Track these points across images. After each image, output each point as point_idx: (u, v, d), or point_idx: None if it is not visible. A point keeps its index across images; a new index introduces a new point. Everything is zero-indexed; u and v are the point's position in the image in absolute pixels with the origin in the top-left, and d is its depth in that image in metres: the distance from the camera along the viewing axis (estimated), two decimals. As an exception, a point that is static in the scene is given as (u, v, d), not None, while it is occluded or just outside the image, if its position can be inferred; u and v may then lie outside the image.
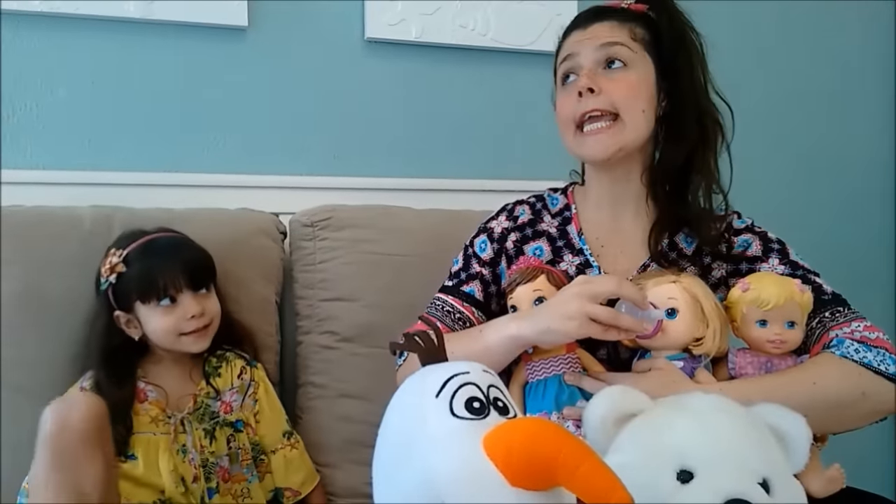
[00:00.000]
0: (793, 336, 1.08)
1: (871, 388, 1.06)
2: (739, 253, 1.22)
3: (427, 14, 1.81)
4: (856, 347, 1.07)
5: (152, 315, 1.24)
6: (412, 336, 0.89)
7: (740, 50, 2.10)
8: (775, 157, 2.17)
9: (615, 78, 1.18)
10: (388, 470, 0.77)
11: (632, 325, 1.04)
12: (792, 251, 1.22)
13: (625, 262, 1.24)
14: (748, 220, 1.27)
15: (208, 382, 1.31)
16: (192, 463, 1.24)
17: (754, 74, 2.13)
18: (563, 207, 1.33)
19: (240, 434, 1.31)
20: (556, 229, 1.30)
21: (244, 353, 1.39)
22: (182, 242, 1.31)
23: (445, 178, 1.84)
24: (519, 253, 1.29)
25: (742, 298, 1.09)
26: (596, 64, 1.19)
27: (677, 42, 1.20)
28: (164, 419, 1.25)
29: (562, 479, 0.65)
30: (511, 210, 1.35)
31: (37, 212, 1.40)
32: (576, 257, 1.26)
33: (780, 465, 0.81)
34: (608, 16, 1.22)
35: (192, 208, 1.52)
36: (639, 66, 1.19)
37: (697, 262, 1.22)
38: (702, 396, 0.86)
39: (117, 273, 1.23)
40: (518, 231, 1.31)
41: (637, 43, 1.19)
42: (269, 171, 1.72)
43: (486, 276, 1.30)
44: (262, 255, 1.52)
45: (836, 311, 1.14)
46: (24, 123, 1.57)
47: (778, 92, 2.17)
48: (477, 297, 1.29)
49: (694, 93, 1.21)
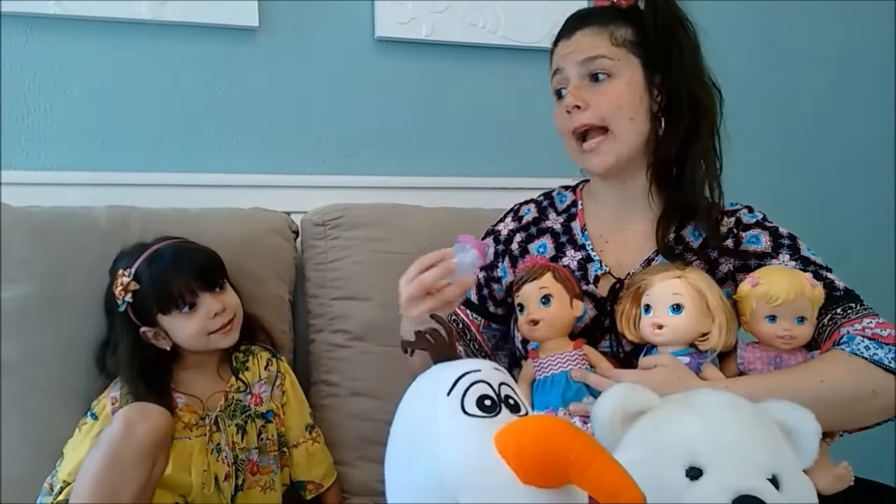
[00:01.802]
0: (802, 331, 1.08)
1: (882, 386, 1.04)
2: (747, 249, 1.20)
3: (437, 12, 1.82)
4: (866, 344, 1.06)
5: (177, 323, 1.26)
6: (423, 334, 0.90)
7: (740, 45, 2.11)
8: (775, 152, 2.17)
9: (601, 91, 1.18)
10: (400, 467, 0.78)
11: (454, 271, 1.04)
12: (804, 246, 1.20)
13: (629, 258, 1.24)
14: (759, 214, 1.25)
15: (238, 378, 1.32)
16: (225, 461, 1.25)
17: (755, 69, 2.13)
18: (570, 204, 1.34)
19: (269, 425, 1.33)
20: (561, 225, 1.31)
21: (266, 346, 1.40)
22: (185, 247, 1.31)
23: (456, 176, 1.85)
24: (524, 252, 1.30)
25: (751, 293, 1.08)
26: (581, 78, 1.19)
27: (664, 32, 1.19)
28: (198, 423, 1.26)
29: (574, 476, 0.65)
30: (517, 211, 1.37)
31: (53, 212, 1.41)
32: (577, 252, 1.27)
33: (790, 461, 0.81)
34: (589, 21, 1.21)
35: (205, 208, 1.53)
36: (624, 72, 1.18)
37: (704, 256, 1.20)
38: (710, 393, 0.86)
39: (132, 292, 1.24)
40: (523, 231, 1.32)
41: (619, 48, 1.18)
42: (281, 171, 1.74)
43: (481, 279, 1.33)
44: (274, 253, 1.53)
45: (848, 308, 1.12)
46: (38, 125, 1.59)
47: (778, 87, 2.18)
48: (473, 301, 1.33)
49: (684, 79, 1.19)
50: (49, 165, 1.59)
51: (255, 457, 1.30)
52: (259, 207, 1.59)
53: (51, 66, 1.59)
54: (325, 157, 1.78)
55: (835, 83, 2.24)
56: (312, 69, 1.76)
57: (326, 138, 1.78)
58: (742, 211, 1.25)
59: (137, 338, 1.27)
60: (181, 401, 1.27)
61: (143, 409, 1.13)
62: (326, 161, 1.78)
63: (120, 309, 1.26)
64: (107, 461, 1.05)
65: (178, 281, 1.24)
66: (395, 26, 1.79)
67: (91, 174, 1.59)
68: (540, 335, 1.14)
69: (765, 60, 2.16)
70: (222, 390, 1.31)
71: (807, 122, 2.22)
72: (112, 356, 1.29)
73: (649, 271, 1.15)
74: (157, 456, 1.09)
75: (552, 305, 1.13)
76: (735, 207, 1.26)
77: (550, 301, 1.13)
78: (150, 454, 1.08)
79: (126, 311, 1.26)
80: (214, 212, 1.53)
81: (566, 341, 1.15)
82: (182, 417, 1.25)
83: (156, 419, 1.11)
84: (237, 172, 1.70)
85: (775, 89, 2.17)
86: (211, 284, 1.28)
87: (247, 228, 1.51)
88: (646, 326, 1.10)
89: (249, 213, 1.57)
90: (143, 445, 1.07)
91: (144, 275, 1.25)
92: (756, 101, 2.14)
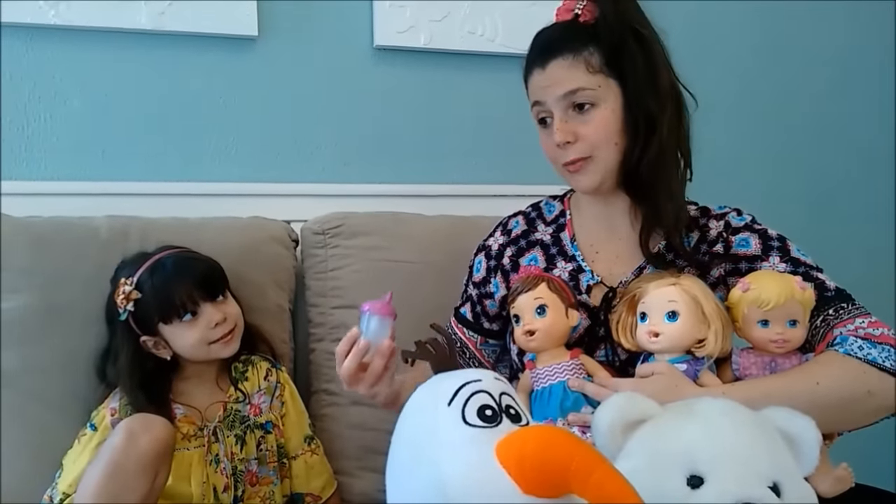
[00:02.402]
0: (795, 335, 1.07)
1: (877, 386, 1.04)
2: (737, 253, 1.19)
3: (435, 21, 1.82)
4: (860, 344, 1.05)
5: (178, 332, 1.26)
6: (424, 344, 0.91)
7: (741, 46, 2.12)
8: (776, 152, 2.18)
9: (587, 121, 1.16)
10: (401, 477, 0.78)
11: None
12: (793, 247, 1.19)
13: (620, 267, 1.24)
14: (748, 216, 1.24)
15: (237, 388, 1.32)
16: (223, 472, 1.25)
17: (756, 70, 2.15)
18: (558, 214, 1.33)
19: (269, 436, 1.33)
20: (551, 236, 1.30)
21: (266, 356, 1.40)
22: (187, 256, 1.31)
23: (456, 184, 1.86)
24: (515, 266, 1.29)
25: (742, 299, 1.08)
26: (565, 111, 1.16)
27: (617, 48, 1.15)
28: (197, 433, 1.26)
29: (575, 486, 0.65)
30: (505, 224, 1.37)
31: (53, 222, 1.41)
32: (568, 263, 1.26)
33: (790, 468, 0.81)
34: (560, 49, 1.16)
35: (205, 217, 1.54)
36: (607, 99, 1.15)
37: (695, 261, 1.20)
38: (710, 401, 0.87)
39: (133, 300, 1.24)
40: (513, 245, 1.32)
41: (596, 75, 1.14)
42: (281, 179, 1.74)
43: (474, 296, 1.34)
44: (274, 262, 1.53)
45: (840, 308, 1.11)
46: (38, 135, 1.59)
47: (779, 88, 2.18)
48: (468, 318, 1.35)
49: (638, 94, 1.15)
50: (49, 176, 1.60)
51: (254, 468, 1.29)
52: (259, 216, 1.59)
53: (51, 76, 1.60)
54: (325, 166, 1.78)
55: (836, 83, 2.25)
56: (311, 78, 1.77)
57: (326, 147, 1.79)
58: (731, 214, 1.24)
59: (138, 347, 1.27)
60: (179, 411, 1.27)
61: (146, 421, 1.12)
62: (326, 169, 1.78)
63: (121, 317, 1.26)
64: (108, 473, 1.05)
65: (180, 290, 1.24)
66: (394, 35, 1.80)
67: (91, 184, 1.60)
68: (536, 346, 1.14)
69: (766, 60, 2.17)
70: (221, 401, 1.31)
71: (808, 123, 2.22)
72: (113, 365, 1.29)
73: (644, 279, 1.14)
74: (158, 467, 1.09)
75: (548, 316, 1.13)
76: (724, 210, 1.25)
77: (546, 311, 1.13)
78: (153, 466, 1.08)
79: (127, 319, 1.26)
80: (214, 221, 1.53)
81: (563, 351, 1.15)
82: (181, 428, 1.25)
83: (158, 430, 1.10)
84: (237, 181, 1.70)
85: (777, 89, 2.18)
86: (212, 294, 1.28)
87: (246, 237, 1.51)
88: (642, 334, 1.10)
89: (249, 222, 1.57)
90: (145, 457, 1.07)
91: (146, 284, 1.25)
92: (757, 101, 2.16)
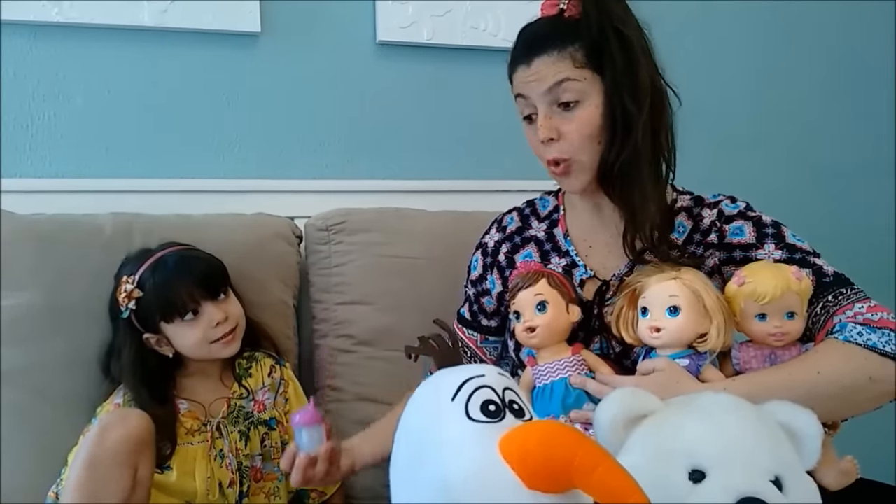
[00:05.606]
0: (794, 326, 1.06)
1: (879, 372, 1.02)
2: (732, 242, 1.17)
3: (438, 16, 1.82)
4: (859, 331, 1.03)
5: (179, 331, 1.26)
6: (427, 340, 0.91)
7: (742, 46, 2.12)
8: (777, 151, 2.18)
9: (572, 118, 1.13)
10: (405, 472, 0.78)
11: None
12: (788, 233, 1.17)
13: (614, 260, 1.22)
14: (741, 204, 1.21)
15: (241, 384, 1.33)
16: (228, 467, 1.26)
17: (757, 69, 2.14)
18: (552, 210, 1.33)
19: (273, 432, 1.33)
20: (545, 232, 1.30)
21: (270, 352, 1.41)
22: (189, 255, 1.31)
23: (458, 178, 1.86)
24: (511, 263, 1.29)
25: (739, 293, 1.06)
26: (550, 106, 1.14)
27: (598, 45, 1.12)
28: (201, 428, 1.26)
29: (578, 481, 0.65)
30: (500, 221, 1.37)
31: (58, 219, 1.42)
32: (562, 259, 1.26)
33: (793, 462, 0.81)
34: (546, 45, 1.14)
35: (208, 214, 1.54)
36: (591, 93, 1.13)
37: (688, 251, 1.18)
38: (712, 396, 0.86)
39: (135, 299, 1.25)
40: (508, 241, 1.32)
41: (583, 70, 1.12)
42: (284, 176, 1.74)
43: (471, 295, 1.35)
44: (278, 259, 1.54)
45: (839, 294, 1.10)
46: (42, 133, 1.60)
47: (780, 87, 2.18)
48: (466, 317, 1.36)
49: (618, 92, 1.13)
50: (53, 173, 1.60)
51: (258, 464, 1.30)
52: (262, 213, 1.60)
53: (55, 73, 1.60)
54: (328, 162, 1.79)
55: (837, 83, 2.24)
56: (314, 74, 1.77)
57: (329, 143, 1.79)
58: (724, 202, 1.22)
59: (141, 344, 1.28)
60: (184, 407, 1.27)
61: (120, 414, 1.13)
62: (329, 165, 1.78)
63: (123, 315, 1.26)
64: (84, 467, 1.05)
65: (181, 289, 1.24)
66: (397, 30, 1.80)
67: (95, 181, 1.60)
68: (537, 342, 1.13)
69: (766, 60, 2.17)
70: (225, 397, 1.31)
71: (808, 123, 2.22)
72: (117, 361, 1.30)
73: (644, 272, 1.12)
74: (137, 459, 1.08)
75: (548, 312, 1.12)
76: (717, 199, 1.23)
77: (546, 307, 1.12)
78: (129, 458, 1.06)
79: (129, 317, 1.26)
80: (218, 217, 1.53)
81: (564, 347, 1.14)
82: (184, 423, 1.25)
83: (132, 423, 1.09)
84: (240, 178, 1.71)
85: (777, 89, 2.18)
86: (213, 293, 1.28)
87: (250, 234, 1.52)
88: (643, 329, 1.08)
89: (253, 219, 1.57)
90: (117, 450, 1.05)
91: (148, 282, 1.25)
92: (758, 100, 2.15)
